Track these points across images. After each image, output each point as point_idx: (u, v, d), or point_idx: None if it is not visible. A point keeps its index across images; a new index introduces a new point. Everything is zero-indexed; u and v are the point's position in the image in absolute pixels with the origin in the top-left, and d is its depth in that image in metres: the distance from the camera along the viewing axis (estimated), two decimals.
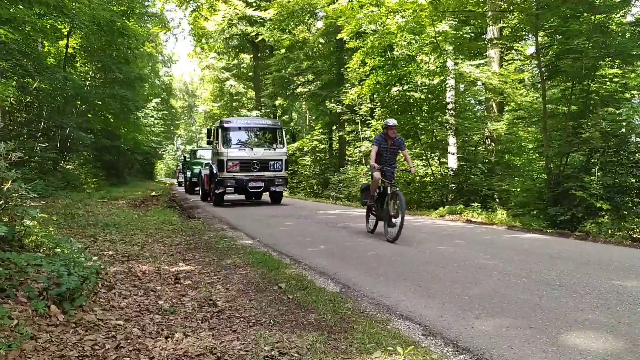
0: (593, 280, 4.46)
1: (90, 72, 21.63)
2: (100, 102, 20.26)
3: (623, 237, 7.71)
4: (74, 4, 14.82)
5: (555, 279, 4.51)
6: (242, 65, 33.88)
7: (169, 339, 2.99)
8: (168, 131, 50.20)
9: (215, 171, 13.92)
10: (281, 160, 14.00)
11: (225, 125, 13.91)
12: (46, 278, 3.44)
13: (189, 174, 21.82)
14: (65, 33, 17.11)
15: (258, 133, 14.79)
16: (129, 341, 2.91)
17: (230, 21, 26.02)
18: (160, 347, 2.84)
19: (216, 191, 13.72)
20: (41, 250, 4.35)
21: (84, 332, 2.99)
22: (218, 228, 8.67)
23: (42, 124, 16.50)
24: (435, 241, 6.98)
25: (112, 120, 23.25)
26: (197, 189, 21.67)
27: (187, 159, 23.98)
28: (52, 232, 5.26)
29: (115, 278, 4.34)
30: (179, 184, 31.31)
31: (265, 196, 15.67)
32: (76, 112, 19.21)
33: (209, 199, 15.49)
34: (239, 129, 14.24)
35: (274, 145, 14.23)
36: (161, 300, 3.86)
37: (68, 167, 19.44)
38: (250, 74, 32.95)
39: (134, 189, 23.49)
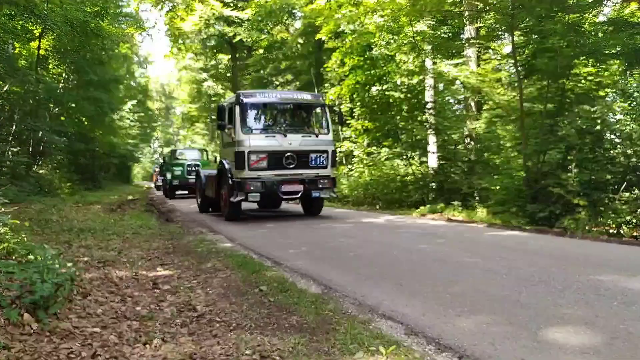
0: (571, 275, 4.52)
1: (64, 74, 21.11)
2: (74, 105, 19.80)
3: (599, 233, 7.85)
4: (45, 4, 14.46)
5: (534, 275, 4.56)
6: (219, 66, 33.58)
7: (147, 345, 2.91)
8: (145, 133, 49.49)
9: (227, 168, 9.90)
10: (327, 152, 9.95)
11: (245, 100, 9.65)
12: (19, 286, 3.32)
13: (168, 176, 20.79)
14: (37, 34, 16.69)
15: (293, 113, 10.82)
16: (105, 349, 2.82)
17: (207, 21, 25.78)
18: (139, 354, 2.77)
19: (231, 199, 9.54)
20: (13, 257, 4.21)
21: (59, 340, 2.89)
22: (197, 231, 8.56)
23: (14, 127, 16.04)
24: (416, 240, 7.00)
25: (86, 123, 22.73)
26: (178, 192, 21.20)
27: (166, 161, 23.19)
28: (25, 239, 5.09)
29: (91, 284, 4.22)
30: (157, 187, 30.59)
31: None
32: (49, 115, 18.75)
33: (210, 209, 12.26)
34: (265, 106, 10.17)
35: (316, 131, 10.30)
36: (139, 306, 3.77)
37: (41, 171, 18.94)
38: (228, 74, 32.72)
39: (110, 193, 23.06)
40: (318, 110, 10.73)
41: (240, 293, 4.17)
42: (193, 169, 20.30)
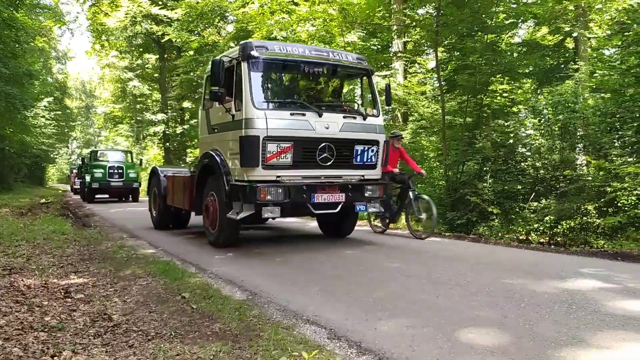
0: (484, 279, 4.80)
1: None
2: None
3: (511, 239, 8.42)
4: None
5: (451, 279, 4.80)
6: (146, 66, 32.28)
7: (55, 358, 2.73)
8: (62, 133, 46.51)
9: (221, 164, 6.64)
10: (377, 143, 6.87)
11: (260, 54, 6.26)
12: None
13: (87, 178, 19.38)
14: None
15: (327, 81, 7.60)
16: None
17: (133, 19, 24.69)
18: None
19: (229, 214, 6.35)
20: None
21: None
22: (117, 237, 8.14)
23: None
24: (342, 246, 7.11)
25: None
26: (98, 196, 20.02)
27: (85, 162, 21.74)
28: None
29: None
30: (75, 190, 28.68)
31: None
32: None
33: (172, 225, 9.42)
34: (288, 67, 6.69)
35: (361, 110, 7.10)
36: (48, 316, 3.51)
37: None
38: (155, 75, 31.52)
39: (21, 196, 21.35)
40: (363, 80, 7.58)
41: (161, 301, 4.02)
42: (116, 171, 19.34)
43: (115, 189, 19.65)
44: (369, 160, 6.80)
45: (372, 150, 6.80)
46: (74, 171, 31.11)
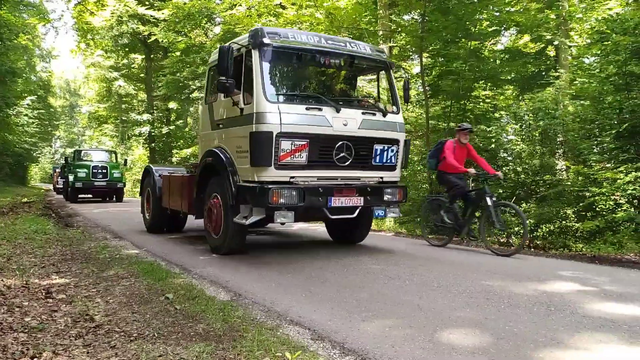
0: (465, 281, 4.88)
1: None
2: None
3: (492, 242, 8.52)
4: None
5: (433, 281, 4.87)
6: (132, 66, 32.03)
7: (35, 359, 2.70)
8: (45, 132, 45.85)
9: (227, 162, 6.11)
10: (397, 143, 6.42)
11: (273, 42, 5.76)
12: None
13: (71, 178, 19.09)
14: None
15: (345, 74, 7.18)
16: None
17: (120, 18, 24.50)
18: None
19: (236, 218, 5.90)
20: None
21: None
22: (100, 237, 8.07)
23: None
24: (326, 248, 7.15)
25: None
26: (81, 195, 19.78)
27: (69, 161, 21.43)
28: None
29: None
30: (57, 190, 28.25)
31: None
32: None
33: (166, 229, 8.89)
34: (300, 56, 6.12)
35: (380, 106, 6.65)
36: (28, 316, 3.48)
37: None
38: (141, 75, 31.28)
39: (2, 195, 20.97)
40: (381, 74, 7.09)
41: (144, 301, 4.00)
42: (100, 171, 19.14)
43: (99, 189, 19.45)
44: (388, 160, 6.32)
45: (392, 150, 6.32)
46: (57, 170, 30.64)
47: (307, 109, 5.69)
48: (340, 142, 5.84)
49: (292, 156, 5.56)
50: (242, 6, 15.88)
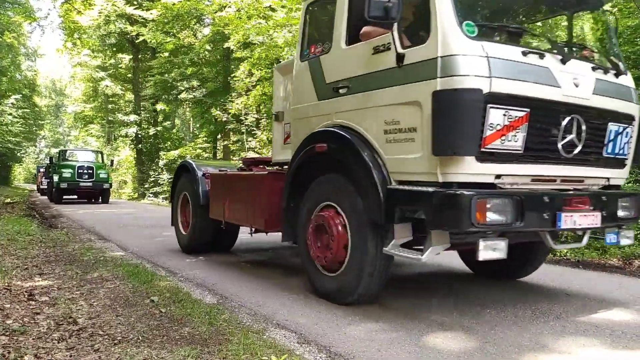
0: (451, 285, 4.91)
1: None
2: None
3: None
4: None
5: (419, 285, 4.89)
6: (120, 66, 31.72)
7: None
8: (30, 132, 45.15)
9: (365, 154, 3.70)
10: (632, 120, 4.03)
11: None
12: None
13: (55, 178, 18.83)
14: None
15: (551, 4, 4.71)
16: None
17: (107, 18, 24.29)
18: None
19: (389, 249, 3.60)
20: None
21: None
22: (85, 239, 7.97)
23: None
24: None
25: None
26: (66, 196, 19.51)
27: (54, 161, 21.11)
28: None
29: None
30: (42, 191, 27.84)
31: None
32: None
33: (206, 249, 6.73)
34: None
35: (612, 60, 4.19)
36: (10, 319, 3.42)
37: None
38: (129, 75, 31.00)
39: None
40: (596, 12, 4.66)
41: (129, 304, 3.95)
42: (85, 171, 18.93)
43: (85, 190, 19.24)
44: (620, 151, 4.01)
45: (627, 134, 4.02)
46: (41, 170, 30.22)
47: (523, 53, 3.43)
48: (569, 117, 3.56)
49: (503, 137, 3.28)
50: (231, 8, 15.83)
